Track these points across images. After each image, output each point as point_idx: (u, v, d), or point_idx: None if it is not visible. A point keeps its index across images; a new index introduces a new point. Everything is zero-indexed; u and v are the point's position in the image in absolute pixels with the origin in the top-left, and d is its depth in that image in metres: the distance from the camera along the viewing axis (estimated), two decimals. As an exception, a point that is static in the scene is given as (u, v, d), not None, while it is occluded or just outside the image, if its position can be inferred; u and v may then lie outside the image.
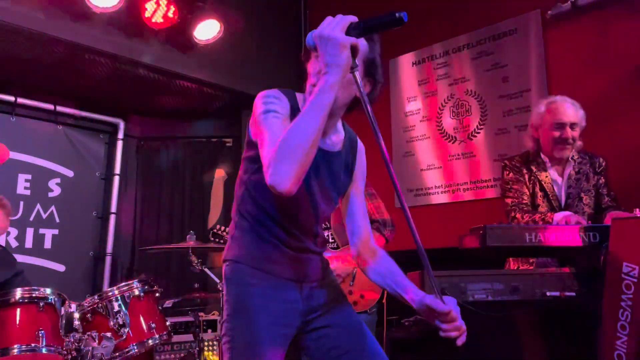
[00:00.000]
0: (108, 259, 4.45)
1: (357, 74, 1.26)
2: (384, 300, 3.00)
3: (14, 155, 4.01)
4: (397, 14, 1.18)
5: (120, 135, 4.72)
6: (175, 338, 3.35)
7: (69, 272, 4.27)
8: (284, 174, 1.23)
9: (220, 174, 5.03)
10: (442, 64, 4.16)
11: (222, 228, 3.11)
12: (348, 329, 1.59)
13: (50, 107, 4.29)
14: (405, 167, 4.22)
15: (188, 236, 3.07)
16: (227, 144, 5.08)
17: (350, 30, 1.24)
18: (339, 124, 1.61)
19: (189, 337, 3.30)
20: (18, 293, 2.37)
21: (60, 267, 4.25)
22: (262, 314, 1.46)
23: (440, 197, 4.04)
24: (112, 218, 4.57)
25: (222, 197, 4.93)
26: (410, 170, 4.20)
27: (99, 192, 4.62)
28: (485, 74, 3.90)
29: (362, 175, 1.69)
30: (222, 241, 3.07)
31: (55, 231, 4.26)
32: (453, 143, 4.02)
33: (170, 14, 3.73)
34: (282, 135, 1.26)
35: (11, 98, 4.07)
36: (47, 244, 4.20)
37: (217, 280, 3.01)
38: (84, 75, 4.08)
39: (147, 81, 4.20)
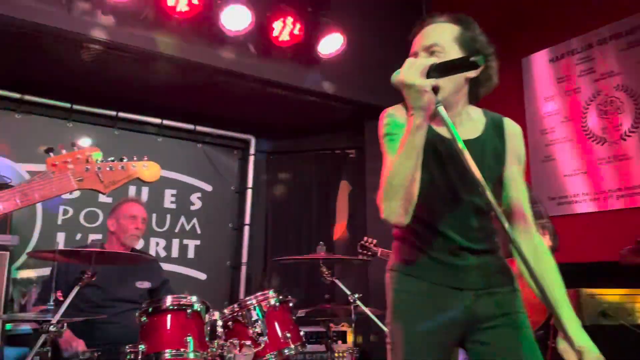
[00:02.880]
0: (243, 269, 4.69)
1: (442, 108, 1.33)
2: (552, 322, 2.71)
3: (162, 172, 4.40)
4: (471, 59, 1.30)
5: (252, 150, 4.98)
6: (308, 348, 3.39)
7: (210, 281, 4.57)
8: (392, 211, 1.39)
9: (344, 185, 5.06)
10: (584, 59, 3.78)
11: (370, 240, 3.10)
12: (508, 352, 1.45)
13: (191, 127, 4.67)
14: (544, 173, 3.88)
15: (318, 247, 3.10)
16: (351, 155, 5.11)
17: (430, 73, 1.32)
18: (473, 112, 1.61)
19: (321, 347, 3.33)
20: (168, 300, 2.54)
21: (202, 276, 4.57)
22: (414, 321, 1.49)
23: (586, 206, 3.65)
24: (246, 229, 4.81)
25: (347, 208, 4.94)
26: (550, 176, 3.85)
27: (234, 205, 4.91)
28: (638, 67, 3.46)
29: (517, 158, 1.60)
30: (370, 253, 3.05)
31: (197, 242, 4.60)
32: (602, 145, 3.61)
33: (296, 31, 3.85)
34: (386, 174, 1.40)
35: (158, 120, 4.50)
36: (191, 254, 4.55)
37: (348, 292, 2.99)
38: (219, 95, 4.36)
39: (275, 98, 4.37)
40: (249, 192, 4.90)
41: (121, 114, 4.30)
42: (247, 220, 4.84)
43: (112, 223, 3.24)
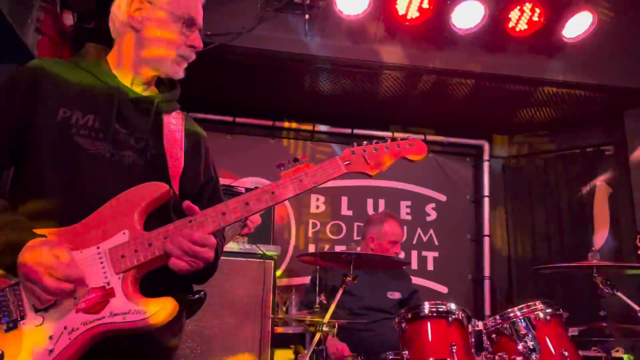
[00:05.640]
0: (487, 283, 4.39)
1: None
2: None
3: (396, 184, 4.48)
4: None
5: (486, 156, 4.71)
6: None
7: (452, 294, 4.37)
8: None
9: (602, 187, 4.35)
10: None
11: (656, 235, 2.57)
12: None
13: (421, 137, 4.60)
14: None
15: (590, 254, 2.65)
16: (607, 152, 4.39)
17: None
18: None
19: (600, 374, 2.81)
20: (426, 307, 2.43)
21: (444, 289, 4.41)
22: None
23: None
24: (486, 241, 4.51)
25: (609, 214, 4.23)
26: None
27: (470, 215, 4.67)
28: None
29: None
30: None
31: (436, 253, 4.47)
32: None
33: (535, 18, 3.49)
34: None
35: (389, 134, 4.54)
36: (430, 266, 4.44)
37: (637, 308, 2.47)
38: (447, 100, 4.19)
39: (508, 95, 4.04)
40: (486, 201, 4.60)
41: (356, 131, 4.48)
42: (487, 231, 4.54)
43: (373, 239, 3.31)
